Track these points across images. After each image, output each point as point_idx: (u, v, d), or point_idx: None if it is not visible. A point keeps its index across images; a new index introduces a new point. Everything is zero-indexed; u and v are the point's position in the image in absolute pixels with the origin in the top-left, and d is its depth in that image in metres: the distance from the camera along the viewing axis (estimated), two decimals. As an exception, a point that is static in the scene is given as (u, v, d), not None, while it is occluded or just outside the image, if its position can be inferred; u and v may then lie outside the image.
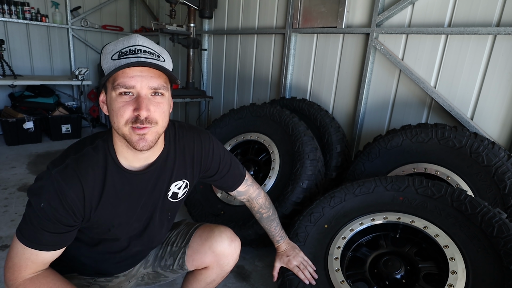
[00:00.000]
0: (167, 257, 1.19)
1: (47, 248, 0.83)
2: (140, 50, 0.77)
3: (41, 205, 0.79)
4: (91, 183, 0.84)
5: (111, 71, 0.76)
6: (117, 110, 0.78)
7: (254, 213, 1.31)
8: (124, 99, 0.77)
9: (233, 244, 1.14)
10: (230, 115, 2.29)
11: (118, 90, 0.77)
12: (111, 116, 0.81)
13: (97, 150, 0.86)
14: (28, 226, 0.81)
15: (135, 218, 0.97)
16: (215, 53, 3.57)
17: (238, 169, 1.20)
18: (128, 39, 0.79)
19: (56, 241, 0.84)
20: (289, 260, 1.32)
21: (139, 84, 0.76)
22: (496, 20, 1.71)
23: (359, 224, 1.41)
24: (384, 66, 2.20)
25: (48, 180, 0.80)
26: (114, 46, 0.79)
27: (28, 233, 0.81)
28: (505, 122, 1.75)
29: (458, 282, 1.09)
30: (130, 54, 0.76)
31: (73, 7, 4.19)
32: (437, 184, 1.36)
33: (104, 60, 0.79)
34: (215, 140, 1.11)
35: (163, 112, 0.82)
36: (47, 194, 0.79)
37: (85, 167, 0.83)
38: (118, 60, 0.76)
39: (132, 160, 0.89)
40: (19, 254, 0.82)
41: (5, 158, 3.14)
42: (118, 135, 0.84)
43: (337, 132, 2.18)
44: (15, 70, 3.71)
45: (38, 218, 0.80)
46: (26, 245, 0.81)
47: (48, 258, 0.85)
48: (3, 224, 2.00)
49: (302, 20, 2.57)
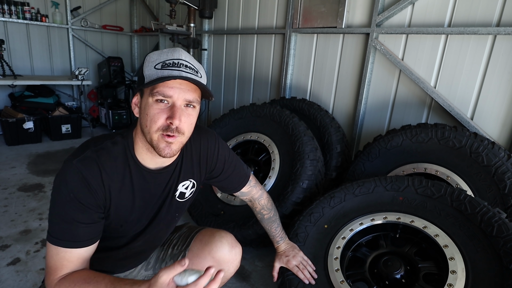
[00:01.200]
0: (168, 260, 1.19)
1: (81, 244, 0.83)
2: (182, 64, 0.82)
3: (70, 195, 0.80)
4: (110, 174, 0.85)
5: (154, 80, 0.80)
6: (152, 116, 0.82)
7: (255, 213, 1.32)
8: (159, 107, 0.82)
9: (233, 251, 1.13)
10: (230, 115, 2.29)
11: (155, 97, 0.81)
12: (144, 120, 0.84)
13: (116, 145, 0.88)
14: (59, 225, 0.81)
15: (145, 215, 0.98)
16: (215, 53, 3.58)
17: (243, 170, 1.21)
18: (172, 52, 0.84)
19: (89, 233, 0.84)
20: (288, 260, 1.32)
21: (176, 95, 0.81)
22: (496, 20, 1.71)
23: (359, 224, 1.41)
24: (384, 66, 2.20)
25: (71, 170, 0.81)
26: (159, 56, 0.83)
27: (61, 233, 0.81)
28: (505, 122, 1.75)
29: (457, 281, 1.09)
30: (173, 67, 0.81)
31: (73, 7, 4.19)
32: (437, 184, 1.36)
33: (147, 67, 0.83)
34: (220, 141, 1.13)
35: (191, 123, 0.87)
36: (73, 183, 0.80)
37: (104, 159, 0.85)
38: (161, 70, 0.81)
39: (149, 162, 0.92)
40: (54, 256, 0.81)
41: (5, 158, 3.15)
42: (142, 137, 0.87)
43: (337, 132, 2.18)
44: (15, 70, 3.71)
45: (70, 211, 0.80)
46: (59, 245, 0.81)
47: (83, 255, 0.84)
48: (3, 224, 2.00)
49: (302, 20, 2.57)
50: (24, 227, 1.99)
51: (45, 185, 2.59)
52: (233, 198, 1.96)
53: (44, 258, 1.71)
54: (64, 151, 3.49)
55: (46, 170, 2.90)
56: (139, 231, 1.00)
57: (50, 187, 2.57)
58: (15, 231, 1.94)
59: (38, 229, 1.98)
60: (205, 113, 3.76)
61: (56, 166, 3.04)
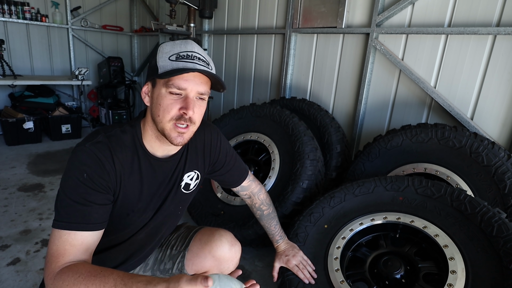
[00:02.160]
0: (167, 261, 1.19)
1: (89, 227, 0.80)
2: (195, 56, 0.85)
3: (84, 175, 0.80)
4: (120, 160, 0.87)
5: (170, 71, 0.82)
6: (166, 106, 0.85)
7: (255, 210, 1.32)
8: (173, 98, 0.84)
9: (233, 249, 1.14)
10: (230, 115, 2.29)
11: (170, 89, 0.84)
12: (156, 110, 0.86)
13: (125, 133, 0.90)
14: (70, 208, 0.79)
15: (152, 205, 0.99)
16: (215, 53, 3.57)
17: (242, 164, 1.24)
18: (185, 44, 0.87)
19: (99, 215, 0.82)
20: (288, 259, 1.32)
21: (190, 88, 0.84)
22: (496, 20, 1.71)
23: (358, 224, 1.41)
24: (384, 66, 2.20)
25: (84, 152, 0.82)
26: (172, 47, 0.86)
27: (69, 215, 0.78)
28: (505, 122, 1.75)
29: (457, 281, 1.09)
30: (187, 59, 0.84)
31: (73, 7, 4.19)
32: (437, 184, 1.36)
33: (161, 58, 0.85)
34: (222, 134, 1.17)
35: (201, 114, 0.91)
36: (88, 164, 0.81)
37: (114, 145, 0.86)
38: (175, 61, 0.83)
39: (157, 150, 0.94)
40: (56, 241, 0.77)
41: (5, 158, 3.15)
42: (152, 126, 0.90)
43: (337, 132, 2.18)
44: (15, 70, 3.71)
45: (83, 192, 0.80)
46: (64, 228, 0.77)
47: (88, 241, 0.80)
48: (3, 224, 2.00)
49: (302, 20, 2.57)
50: (24, 227, 1.99)
51: (45, 185, 2.59)
52: (233, 198, 1.96)
53: (44, 258, 1.71)
54: (64, 151, 3.49)
55: (46, 170, 2.90)
56: (144, 222, 1.00)
57: (50, 187, 2.57)
58: (15, 231, 1.94)
59: (38, 229, 1.98)
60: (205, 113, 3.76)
61: (56, 166, 3.03)
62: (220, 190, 2.05)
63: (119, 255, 1.05)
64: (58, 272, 0.74)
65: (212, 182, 2.10)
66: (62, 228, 0.78)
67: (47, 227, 2.00)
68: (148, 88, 0.91)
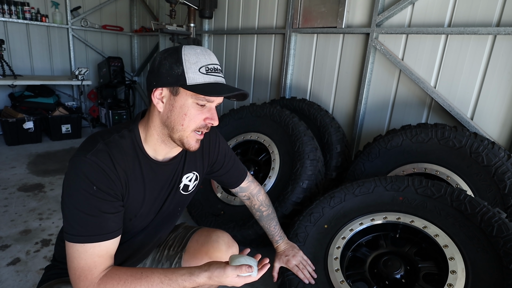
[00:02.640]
0: (164, 261, 1.18)
1: (110, 236, 0.81)
2: (218, 69, 0.88)
3: (93, 188, 0.79)
4: (122, 167, 0.86)
5: (204, 85, 0.83)
6: (193, 116, 0.86)
7: (254, 211, 1.32)
8: (200, 109, 0.87)
9: (230, 250, 1.14)
10: (230, 115, 2.29)
11: (198, 101, 0.85)
12: (179, 119, 0.86)
13: (124, 138, 0.89)
14: (85, 221, 0.79)
15: (153, 209, 0.99)
16: (215, 53, 3.56)
17: (241, 165, 1.24)
18: (208, 55, 0.87)
19: (116, 223, 0.84)
20: (288, 259, 1.32)
21: (216, 101, 0.89)
22: (496, 20, 1.71)
23: (358, 224, 1.41)
24: (384, 66, 2.20)
25: (87, 164, 0.80)
26: (197, 58, 0.84)
27: (87, 229, 0.79)
28: (505, 122, 1.75)
29: (457, 281, 1.09)
30: (215, 72, 0.86)
31: (73, 7, 4.19)
32: (437, 184, 1.36)
33: (189, 68, 0.83)
34: (220, 136, 1.17)
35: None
36: (94, 176, 0.79)
37: (115, 152, 0.85)
38: (207, 75, 0.84)
39: (160, 153, 0.95)
40: (82, 255, 0.78)
41: (5, 158, 3.15)
42: (161, 130, 0.90)
43: (337, 132, 2.18)
44: (15, 70, 3.71)
45: (96, 203, 0.79)
46: (87, 241, 0.78)
47: (111, 248, 0.83)
48: (3, 224, 2.00)
49: (302, 20, 2.57)
50: (24, 227, 1.99)
51: (45, 185, 2.59)
52: (233, 198, 1.96)
53: (44, 258, 1.71)
54: (64, 151, 3.49)
55: (46, 170, 2.90)
56: (144, 225, 1.00)
57: (50, 187, 2.57)
58: (15, 231, 1.94)
59: (38, 229, 1.98)
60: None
61: (56, 166, 3.04)
62: (220, 190, 2.05)
63: (118, 256, 1.04)
64: (99, 283, 0.77)
65: (212, 182, 2.10)
66: (84, 242, 0.78)
67: (47, 227, 2.01)
68: (162, 93, 0.86)
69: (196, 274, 0.76)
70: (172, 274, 0.77)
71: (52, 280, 0.98)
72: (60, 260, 1.02)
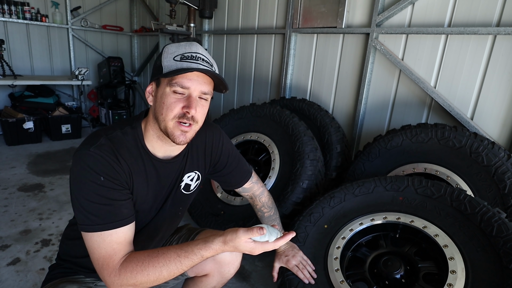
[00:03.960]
0: None
1: (126, 221, 0.82)
2: (200, 57, 0.87)
3: (101, 178, 0.80)
4: (125, 160, 0.86)
5: (174, 70, 0.84)
6: (169, 104, 0.85)
7: (256, 211, 1.32)
8: (176, 96, 0.86)
9: (234, 252, 1.14)
10: (230, 115, 2.29)
11: (173, 88, 0.85)
12: (159, 108, 0.87)
13: (127, 135, 0.90)
14: (98, 211, 0.80)
15: (155, 206, 0.99)
16: (215, 53, 3.57)
17: (245, 166, 1.23)
18: (190, 46, 0.88)
19: (129, 209, 0.85)
20: (288, 259, 1.32)
21: (193, 87, 0.86)
22: (496, 20, 1.71)
23: (358, 224, 1.41)
24: (384, 66, 2.20)
25: (91, 156, 0.81)
26: (177, 48, 0.87)
27: (102, 217, 0.79)
28: (505, 122, 1.75)
29: (457, 281, 1.09)
30: (191, 59, 0.86)
31: (73, 7, 4.19)
32: (437, 184, 1.36)
33: (166, 58, 0.87)
34: (224, 135, 1.16)
35: (204, 113, 0.91)
36: (100, 166, 0.80)
37: (118, 147, 0.86)
38: (180, 62, 0.85)
39: (158, 150, 0.94)
40: (101, 244, 0.79)
41: (5, 158, 3.15)
42: (154, 125, 0.90)
43: (337, 132, 2.18)
44: (15, 70, 3.71)
45: (106, 193, 0.80)
46: (104, 229, 0.79)
47: (128, 234, 0.84)
48: (3, 224, 2.00)
49: (302, 20, 2.57)
50: (24, 227, 1.99)
51: (45, 185, 2.59)
52: (233, 198, 1.96)
53: (44, 258, 1.71)
54: (64, 151, 3.49)
55: (46, 170, 2.90)
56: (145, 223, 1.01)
57: (50, 187, 2.57)
58: (15, 231, 1.94)
59: (38, 229, 1.98)
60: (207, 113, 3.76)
61: (56, 166, 3.04)
62: (220, 190, 2.05)
63: None
64: (120, 268, 0.78)
65: (212, 182, 2.10)
66: (101, 230, 0.79)
67: (47, 227, 2.01)
68: (152, 87, 0.91)
69: (211, 241, 0.76)
70: (187, 246, 0.78)
71: (56, 279, 0.98)
72: (64, 258, 1.03)
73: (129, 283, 0.77)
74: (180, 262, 0.77)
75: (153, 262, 0.77)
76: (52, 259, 1.70)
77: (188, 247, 0.78)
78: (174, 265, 0.77)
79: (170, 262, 0.77)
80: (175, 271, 0.77)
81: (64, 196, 2.41)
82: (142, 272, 0.76)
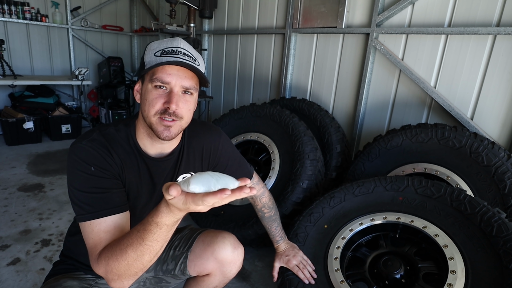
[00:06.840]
0: (169, 261, 1.18)
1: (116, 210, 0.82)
2: (181, 52, 0.86)
3: (92, 168, 0.82)
4: (117, 154, 0.88)
5: (153, 65, 0.84)
6: (151, 100, 0.85)
7: (256, 211, 1.33)
8: (158, 92, 0.85)
9: (236, 251, 1.13)
10: (230, 115, 2.29)
11: (154, 83, 0.85)
12: (143, 105, 0.88)
13: (120, 131, 0.91)
14: (89, 200, 0.80)
15: (150, 205, 0.99)
16: (215, 53, 3.58)
17: (246, 167, 1.22)
18: (171, 41, 0.88)
19: (121, 197, 0.85)
20: (288, 259, 1.32)
21: (174, 81, 0.85)
22: (496, 20, 1.71)
23: (358, 224, 1.41)
24: (384, 66, 2.20)
25: (83, 149, 0.83)
26: (159, 44, 0.88)
27: (92, 206, 0.80)
28: (505, 122, 1.75)
29: (457, 281, 1.09)
30: (172, 54, 0.85)
31: (73, 7, 4.19)
32: (437, 184, 1.36)
33: (147, 55, 0.88)
34: (224, 137, 1.15)
35: (189, 109, 0.90)
36: (91, 158, 0.82)
37: (110, 142, 0.88)
38: (160, 57, 0.85)
39: (150, 148, 0.95)
40: (90, 234, 0.80)
41: (5, 158, 3.15)
42: (143, 123, 0.91)
43: (337, 132, 2.18)
44: (15, 70, 3.71)
45: (97, 182, 0.82)
46: (93, 218, 0.79)
47: (119, 223, 0.82)
48: (3, 224, 2.00)
49: (302, 20, 2.57)
50: (24, 227, 1.99)
51: (45, 185, 2.59)
52: (233, 198, 1.95)
53: (44, 258, 1.71)
54: (64, 151, 3.48)
55: (46, 170, 2.90)
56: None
57: (50, 187, 2.57)
58: (15, 231, 1.94)
59: (38, 229, 1.98)
60: (205, 113, 3.76)
61: (56, 166, 3.04)
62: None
63: None
64: (98, 258, 0.77)
65: (212, 182, 2.10)
66: (90, 219, 0.80)
67: (47, 227, 2.01)
68: (139, 86, 0.93)
69: (157, 207, 0.68)
70: (143, 220, 0.72)
71: (59, 275, 0.99)
72: (67, 255, 1.03)
73: (107, 270, 0.75)
74: (141, 237, 0.71)
75: (117, 243, 0.75)
76: (52, 259, 1.70)
77: (144, 220, 0.72)
78: (137, 242, 0.71)
79: (133, 240, 0.72)
80: (141, 249, 0.71)
81: (64, 196, 2.41)
82: (112, 256, 0.74)
